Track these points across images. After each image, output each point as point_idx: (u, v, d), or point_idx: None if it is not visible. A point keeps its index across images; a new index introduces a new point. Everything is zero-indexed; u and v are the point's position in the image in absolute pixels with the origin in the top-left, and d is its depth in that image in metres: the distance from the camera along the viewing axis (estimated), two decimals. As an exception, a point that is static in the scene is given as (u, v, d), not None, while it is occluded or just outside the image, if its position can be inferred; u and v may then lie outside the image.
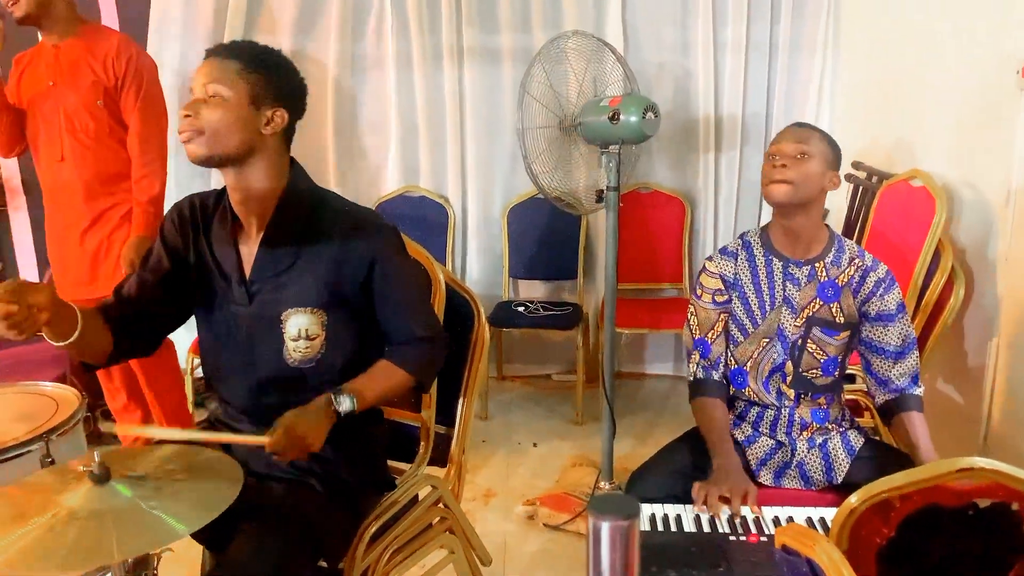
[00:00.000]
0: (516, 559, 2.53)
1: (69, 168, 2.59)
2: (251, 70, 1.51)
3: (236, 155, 1.52)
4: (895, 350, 1.81)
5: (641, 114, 2.44)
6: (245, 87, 1.50)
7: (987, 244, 2.27)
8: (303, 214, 1.59)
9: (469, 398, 1.93)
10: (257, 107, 1.52)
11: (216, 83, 1.49)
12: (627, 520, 0.74)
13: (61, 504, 1.20)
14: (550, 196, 2.74)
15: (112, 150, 2.61)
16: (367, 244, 1.58)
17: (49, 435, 1.85)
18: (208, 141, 1.48)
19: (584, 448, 3.23)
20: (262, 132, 1.53)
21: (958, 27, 2.46)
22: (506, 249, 3.81)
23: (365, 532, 1.66)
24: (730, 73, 3.59)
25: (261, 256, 1.59)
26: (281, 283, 1.58)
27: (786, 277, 1.84)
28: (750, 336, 1.87)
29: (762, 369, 1.87)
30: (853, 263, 1.82)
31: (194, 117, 1.48)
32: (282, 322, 1.58)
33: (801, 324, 1.83)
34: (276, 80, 1.55)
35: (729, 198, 3.73)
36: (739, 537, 1.55)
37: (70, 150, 2.57)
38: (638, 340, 3.98)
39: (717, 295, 1.90)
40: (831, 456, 1.83)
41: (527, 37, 3.61)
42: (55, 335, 1.44)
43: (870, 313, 1.81)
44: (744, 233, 1.93)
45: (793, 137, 1.79)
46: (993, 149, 2.24)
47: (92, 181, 2.60)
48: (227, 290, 1.61)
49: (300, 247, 1.58)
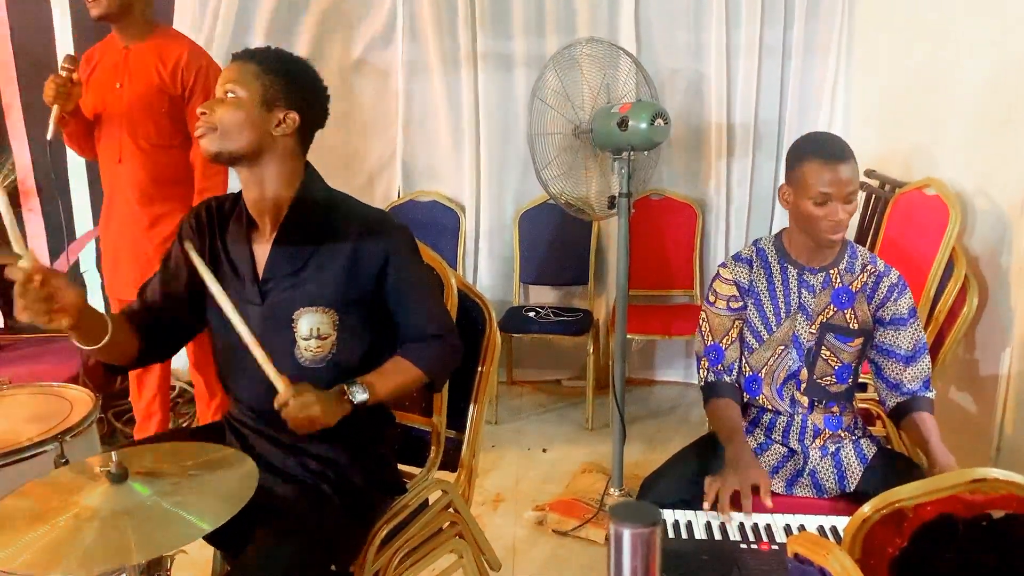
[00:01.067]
0: (525, 564, 2.53)
1: (126, 170, 2.58)
2: (268, 73, 1.57)
3: (245, 153, 1.56)
4: (906, 354, 1.81)
5: (650, 121, 2.43)
6: (259, 88, 1.56)
7: (1001, 253, 2.26)
8: (316, 215, 1.62)
9: (480, 403, 1.93)
10: (268, 108, 1.56)
11: (233, 83, 1.56)
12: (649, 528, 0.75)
13: (79, 504, 1.20)
14: (560, 202, 2.74)
15: (170, 156, 2.60)
16: (381, 244, 1.60)
17: (63, 436, 1.86)
18: (219, 138, 1.54)
19: (594, 454, 3.23)
20: (272, 133, 1.57)
21: (974, 32, 2.44)
22: (517, 254, 3.81)
23: (376, 536, 1.66)
24: (743, 78, 3.58)
25: (274, 255, 1.61)
26: (294, 282, 1.60)
27: (801, 284, 1.83)
28: (765, 343, 1.87)
29: (777, 376, 1.87)
30: (866, 269, 1.82)
31: (209, 114, 1.54)
32: (294, 321, 1.60)
33: (816, 331, 1.82)
34: (292, 84, 1.59)
35: (741, 205, 3.71)
36: (751, 545, 1.55)
37: (128, 153, 2.57)
38: (649, 347, 3.98)
39: (732, 301, 1.89)
40: (843, 464, 1.83)
41: (540, 42, 3.61)
42: (84, 340, 1.48)
43: (884, 318, 1.81)
44: (757, 240, 1.93)
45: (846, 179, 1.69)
46: (1008, 157, 2.23)
47: (148, 185, 2.59)
48: (240, 289, 1.63)
49: (313, 247, 1.61)
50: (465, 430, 1.93)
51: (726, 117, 3.61)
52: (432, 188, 3.83)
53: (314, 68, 1.65)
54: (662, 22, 3.58)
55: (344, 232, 1.60)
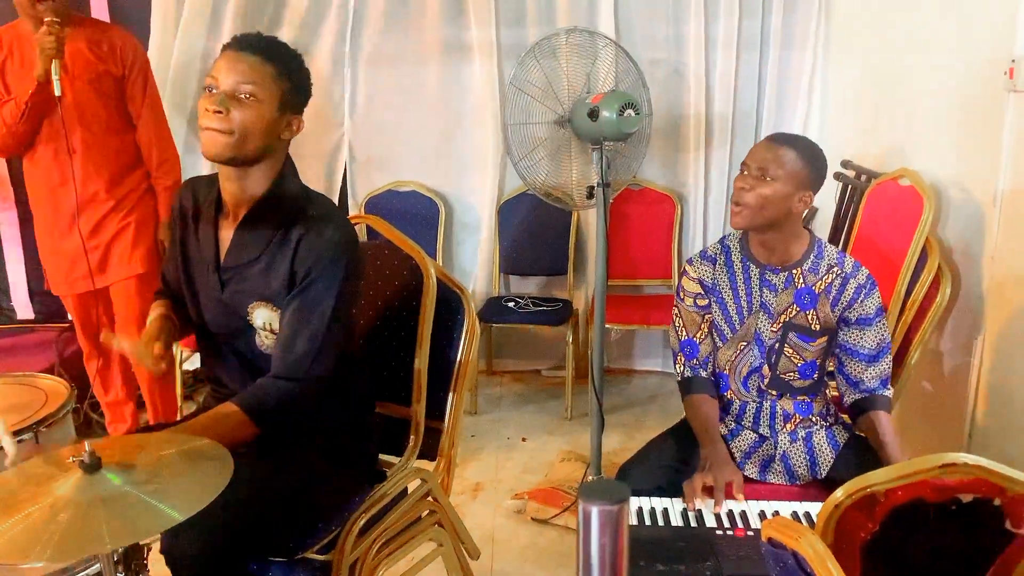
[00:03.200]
0: (504, 552, 2.54)
1: (81, 160, 2.57)
2: (285, 76, 1.52)
3: (254, 158, 1.53)
4: (869, 354, 1.82)
5: (618, 111, 2.37)
6: (278, 93, 1.51)
7: (974, 243, 2.29)
8: (280, 210, 1.59)
9: (459, 392, 1.93)
10: (282, 113, 1.53)
11: (252, 84, 1.48)
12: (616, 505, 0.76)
13: (52, 493, 1.19)
14: (540, 192, 2.74)
15: (118, 139, 2.62)
16: (315, 243, 1.54)
17: (38, 426, 1.85)
18: (236, 143, 1.48)
19: (573, 443, 3.24)
20: (281, 138, 1.56)
21: (948, 26, 2.47)
22: (497, 245, 3.81)
23: (354, 525, 1.66)
24: (721, 69, 3.59)
25: (234, 244, 1.61)
26: (248, 275, 1.60)
27: (763, 283, 1.84)
28: (728, 341, 1.88)
29: (740, 371, 1.88)
30: (832, 270, 1.81)
31: (225, 115, 1.46)
32: (249, 313, 1.61)
33: (778, 329, 1.83)
34: (301, 88, 1.57)
35: (719, 196, 3.73)
36: (726, 531, 1.57)
37: (82, 142, 2.55)
38: (627, 336, 4.00)
39: (698, 299, 1.91)
40: (816, 451, 1.85)
41: (520, 32, 3.60)
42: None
43: (851, 318, 1.81)
44: (724, 237, 1.93)
45: (760, 155, 1.74)
46: (981, 148, 2.26)
47: (106, 171, 2.61)
48: (204, 273, 1.65)
49: (268, 242, 1.58)
50: (444, 419, 1.94)
51: (704, 108, 3.63)
52: (411, 178, 3.81)
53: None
54: (641, 13, 3.58)
55: (294, 228, 1.56)
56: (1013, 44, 2.10)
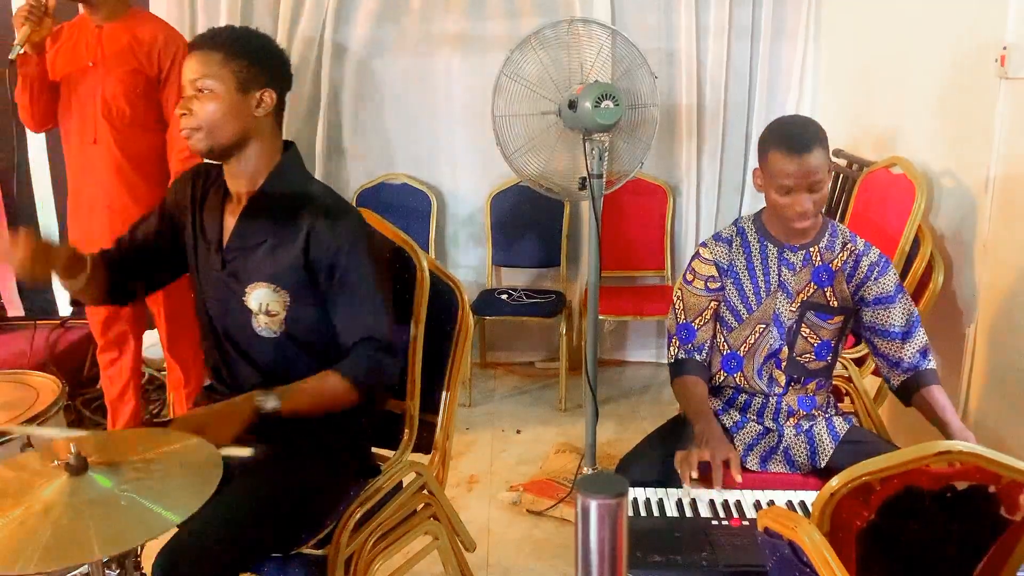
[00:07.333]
0: (500, 545, 2.54)
1: (101, 151, 2.56)
2: (235, 57, 1.57)
3: (234, 143, 1.59)
4: (902, 330, 1.81)
5: (595, 102, 2.34)
6: (231, 76, 1.56)
7: (966, 231, 2.30)
8: (285, 195, 1.65)
9: (453, 385, 1.93)
10: (245, 92, 1.58)
11: (204, 77, 1.55)
12: (615, 498, 0.75)
13: (38, 497, 1.16)
14: (533, 183, 2.73)
15: (144, 136, 2.59)
16: (332, 237, 1.61)
17: (29, 423, 1.83)
18: (207, 136, 1.57)
19: (567, 435, 3.24)
20: (254, 115, 1.60)
21: (939, 14, 2.47)
22: (489, 237, 3.80)
23: (349, 519, 1.66)
24: (713, 59, 3.58)
25: (239, 227, 1.66)
26: (252, 256, 1.65)
27: (781, 262, 1.84)
28: (744, 322, 1.88)
29: (759, 355, 1.88)
30: (846, 247, 1.83)
31: (189, 115, 1.55)
32: (247, 294, 1.65)
33: (796, 308, 1.84)
34: (260, 62, 1.60)
35: (711, 186, 3.73)
36: (722, 521, 1.57)
37: (104, 133, 2.54)
38: (621, 328, 3.99)
39: (710, 281, 1.90)
40: (816, 441, 1.85)
41: (514, 24, 3.58)
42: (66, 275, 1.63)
43: (868, 298, 1.81)
44: (738, 219, 1.93)
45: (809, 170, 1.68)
46: (972, 136, 2.26)
47: (124, 165, 2.58)
48: (206, 254, 1.70)
49: (274, 226, 1.64)
50: (439, 412, 1.93)
51: (696, 99, 3.62)
52: (403, 170, 3.79)
53: (268, 36, 1.66)
54: (634, 3, 3.57)
55: (302, 217, 1.62)
56: (1004, 31, 2.09)
